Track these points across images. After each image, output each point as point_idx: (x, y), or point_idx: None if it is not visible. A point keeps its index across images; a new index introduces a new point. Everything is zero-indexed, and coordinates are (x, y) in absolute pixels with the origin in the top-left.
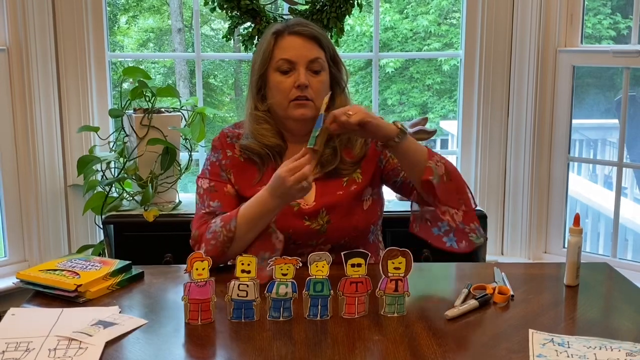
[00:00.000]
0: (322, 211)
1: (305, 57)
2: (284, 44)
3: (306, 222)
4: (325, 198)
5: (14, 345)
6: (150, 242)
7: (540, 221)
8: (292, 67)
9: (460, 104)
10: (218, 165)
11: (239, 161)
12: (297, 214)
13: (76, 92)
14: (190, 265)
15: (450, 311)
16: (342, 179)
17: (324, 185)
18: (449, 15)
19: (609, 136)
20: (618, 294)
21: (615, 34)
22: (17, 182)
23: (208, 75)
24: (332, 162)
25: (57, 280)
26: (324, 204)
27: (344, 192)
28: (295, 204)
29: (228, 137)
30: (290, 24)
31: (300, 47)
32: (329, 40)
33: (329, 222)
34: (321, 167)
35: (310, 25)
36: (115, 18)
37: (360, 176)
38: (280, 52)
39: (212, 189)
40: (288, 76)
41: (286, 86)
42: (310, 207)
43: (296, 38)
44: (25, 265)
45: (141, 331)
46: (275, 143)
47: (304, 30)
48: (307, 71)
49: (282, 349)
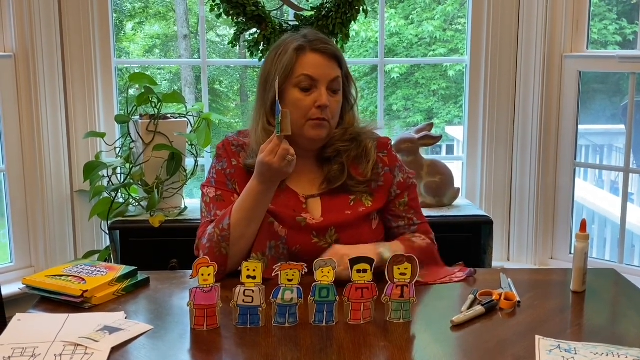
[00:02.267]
0: (331, 229)
1: (327, 75)
2: (306, 61)
3: (314, 239)
4: (333, 215)
5: (20, 350)
6: (156, 248)
7: (546, 227)
8: (313, 84)
9: (466, 109)
10: (224, 175)
11: (244, 171)
12: (305, 230)
13: (82, 98)
14: (195, 271)
15: (457, 317)
16: (349, 197)
17: (330, 201)
18: (455, 21)
19: (616, 142)
20: (625, 300)
21: (621, 39)
22: (24, 187)
23: (214, 81)
24: (340, 178)
25: (63, 285)
26: (332, 222)
27: (352, 212)
28: (302, 219)
29: (233, 145)
30: (311, 40)
31: (323, 66)
32: (343, 57)
33: (337, 241)
34: (328, 183)
35: (329, 42)
36: (121, 24)
37: (370, 203)
38: (302, 69)
39: (219, 197)
40: (308, 94)
41: (306, 104)
42: (317, 222)
43: (318, 56)
44: (32, 270)
45: (147, 337)
46: None
47: (326, 49)
48: (327, 91)
49: (288, 355)
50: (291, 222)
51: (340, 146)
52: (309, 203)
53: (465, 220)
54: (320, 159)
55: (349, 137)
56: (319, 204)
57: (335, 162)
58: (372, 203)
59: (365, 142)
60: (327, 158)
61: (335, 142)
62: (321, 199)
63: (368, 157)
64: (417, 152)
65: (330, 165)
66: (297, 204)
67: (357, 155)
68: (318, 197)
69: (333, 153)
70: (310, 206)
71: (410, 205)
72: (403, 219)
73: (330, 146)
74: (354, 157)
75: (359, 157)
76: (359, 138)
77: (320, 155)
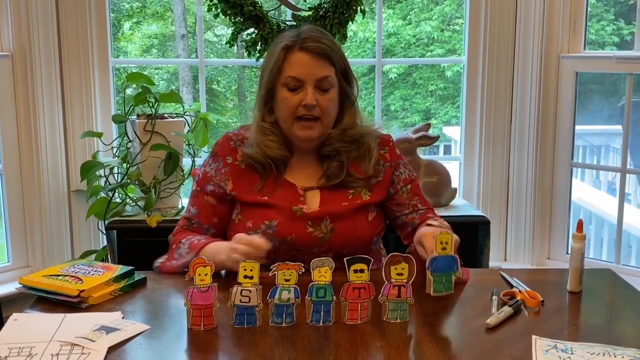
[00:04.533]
0: (326, 219)
1: (313, 75)
2: (293, 60)
3: (309, 228)
4: (330, 206)
5: (17, 350)
6: (153, 248)
7: (543, 227)
8: (300, 84)
9: (463, 109)
10: (210, 177)
11: (239, 168)
12: (301, 219)
13: (80, 97)
14: (192, 271)
15: (490, 320)
16: (348, 191)
17: (329, 194)
18: (452, 22)
19: (613, 142)
20: (621, 300)
21: (619, 40)
22: (21, 187)
23: (211, 81)
24: (338, 176)
25: (60, 285)
26: (328, 212)
27: (349, 203)
28: (298, 209)
29: (232, 140)
30: (303, 37)
31: (309, 65)
32: (340, 53)
33: (332, 231)
34: (327, 179)
35: (322, 39)
36: (119, 24)
37: (367, 196)
38: (289, 69)
39: (195, 194)
40: (295, 93)
41: (292, 103)
42: (314, 211)
43: (306, 55)
44: (28, 270)
45: (144, 337)
46: (280, 154)
47: (314, 47)
48: (315, 89)
49: (285, 355)
50: (287, 212)
51: (340, 146)
52: (307, 195)
53: (463, 220)
54: (320, 155)
55: (350, 138)
56: (317, 197)
57: (334, 160)
58: (370, 197)
59: (367, 142)
60: (326, 155)
61: (334, 142)
62: (320, 192)
63: (370, 155)
64: (415, 153)
65: (330, 162)
66: (294, 196)
67: (358, 155)
68: (317, 189)
69: (332, 152)
70: (308, 198)
71: (413, 192)
72: (407, 206)
73: (329, 145)
74: (354, 157)
75: (360, 156)
76: (361, 140)
77: (320, 152)
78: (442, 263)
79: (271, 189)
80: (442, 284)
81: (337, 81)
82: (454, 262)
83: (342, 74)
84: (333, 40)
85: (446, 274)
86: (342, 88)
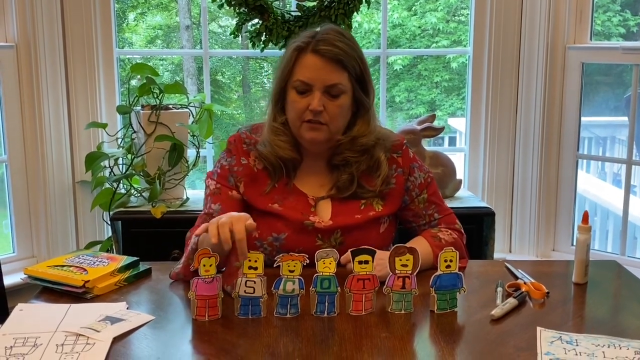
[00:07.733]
0: (337, 232)
1: (323, 81)
2: (303, 63)
3: (318, 241)
4: (342, 218)
5: (22, 340)
6: (158, 239)
7: (548, 219)
8: (308, 88)
9: (469, 101)
10: (228, 169)
11: (252, 171)
12: (311, 232)
13: (84, 88)
14: (197, 262)
15: (495, 311)
16: (360, 201)
17: (340, 204)
18: (458, 12)
19: (618, 134)
20: (627, 292)
21: (625, 31)
22: (26, 178)
23: (216, 72)
24: (349, 188)
25: (65, 276)
26: (340, 226)
27: (362, 215)
28: (310, 224)
29: (245, 143)
30: (317, 39)
31: (319, 70)
32: (356, 58)
33: (342, 244)
34: (337, 190)
35: (337, 42)
36: (123, 15)
37: (380, 207)
38: (299, 72)
39: (216, 191)
40: (304, 97)
41: (300, 106)
42: (326, 224)
43: (317, 59)
44: (34, 261)
45: (148, 327)
46: (290, 156)
47: (327, 51)
48: (324, 94)
49: (289, 346)
50: (298, 226)
51: (349, 156)
52: (319, 205)
53: (467, 211)
54: (330, 164)
55: (360, 147)
56: (329, 207)
57: (344, 172)
58: (383, 207)
59: (377, 154)
60: (336, 165)
61: (343, 150)
62: (332, 202)
63: (379, 172)
64: (420, 144)
65: (340, 173)
66: (305, 207)
67: (368, 167)
68: (328, 199)
69: (342, 162)
70: (319, 208)
71: (430, 201)
72: (424, 217)
73: (339, 154)
74: (364, 169)
75: (370, 168)
76: (372, 151)
77: (330, 160)
78: (445, 281)
79: (281, 196)
80: (445, 301)
81: (351, 87)
82: (457, 279)
83: (357, 79)
84: (352, 43)
85: (450, 292)
86: (355, 94)
